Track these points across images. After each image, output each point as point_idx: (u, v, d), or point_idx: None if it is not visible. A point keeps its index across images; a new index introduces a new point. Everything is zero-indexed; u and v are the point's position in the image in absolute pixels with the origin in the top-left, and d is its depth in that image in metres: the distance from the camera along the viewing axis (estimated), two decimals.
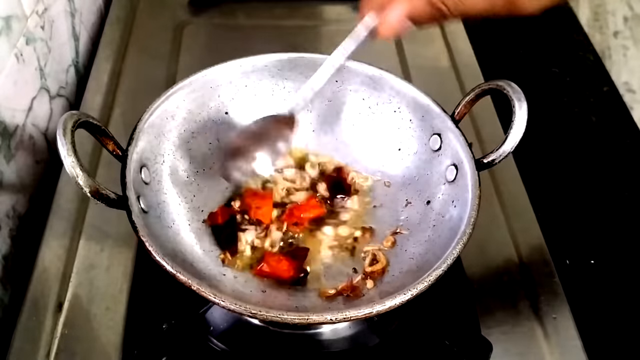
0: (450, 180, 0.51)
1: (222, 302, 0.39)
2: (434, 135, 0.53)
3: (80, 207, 0.58)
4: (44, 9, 0.64)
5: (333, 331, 0.51)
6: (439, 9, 0.37)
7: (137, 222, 0.42)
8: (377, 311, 0.39)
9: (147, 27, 0.81)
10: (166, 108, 0.52)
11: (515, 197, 0.62)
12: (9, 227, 0.55)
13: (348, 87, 0.57)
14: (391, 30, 0.40)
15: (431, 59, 0.77)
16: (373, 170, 0.58)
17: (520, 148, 0.48)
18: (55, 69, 0.67)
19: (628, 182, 0.68)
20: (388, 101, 0.56)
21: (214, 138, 0.57)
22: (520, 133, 0.47)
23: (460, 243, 0.43)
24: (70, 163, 0.40)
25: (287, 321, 0.39)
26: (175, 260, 0.42)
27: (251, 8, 0.84)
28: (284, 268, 0.50)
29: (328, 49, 0.48)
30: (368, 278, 0.50)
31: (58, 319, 0.51)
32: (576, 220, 0.64)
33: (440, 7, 0.37)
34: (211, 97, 0.56)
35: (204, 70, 0.54)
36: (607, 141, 0.73)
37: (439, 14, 0.38)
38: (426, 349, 0.50)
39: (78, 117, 0.42)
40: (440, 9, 0.37)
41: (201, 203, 0.54)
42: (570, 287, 0.55)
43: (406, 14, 0.39)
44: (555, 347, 0.51)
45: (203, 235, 0.52)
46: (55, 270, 0.54)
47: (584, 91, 0.79)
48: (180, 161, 0.54)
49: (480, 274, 0.55)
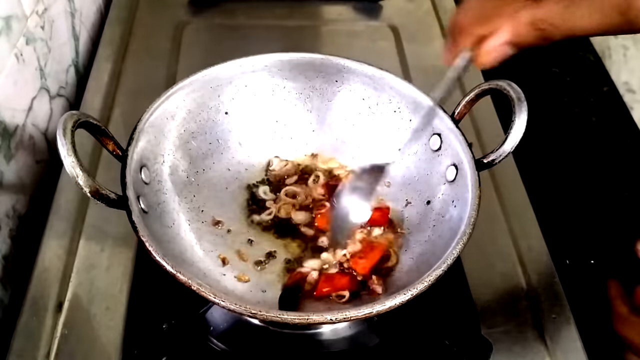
0: (450, 180, 0.51)
1: (222, 302, 0.39)
2: (434, 135, 0.53)
3: (80, 207, 0.58)
4: (44, 9, 0.64)
5: (333, 331, 0.51)
6: (542, 29, 0.36)
7: (137, 222, 0.42)
8: (377, 311, 0.39)
9: (147, 27, 0.81)
10: (166, 108, 0.52)
11: (515, 197, 0.62)
12: (9, 227, 0.55)
13: (348, 87, 0.57)
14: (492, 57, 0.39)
15: (431, 59, 0.77)
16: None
17: (520, 148, 0.48)
18: (55, 69, 0.67)
19: (628, 182, 0.68)
20: (388, 101, 0.56)
21: (214, 138, 0.57)
22: (520, 133, 0.47)
23: (460, 243, 0.43)
24: (70, 163, 0.40)
25: (287, 321, 0.39)
26: (175, 260, 0.42)
27: (251, 8, 0.84)
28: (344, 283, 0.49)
29: (328, 49, 0.48)
30: (374, 277, 0.50)
31: (58, 319, 0.51)
32: (576, 220, 0.64)
33: (544, 27, 0.35)
34: (211, 97, 0.56)
35: (204, 70, 0.54)
36: (607, 141, 0.73)
37: (542, 36, 0.36)
38: (426, 349, 0.50)
39: (78, 117, 0.42)
40: (544, 30, 0.36)
41: (201, 203, 0.54)
42: (570, 287, 0.55)
43: (509, 41, 0.37)
44: (555, 347, 0.51)
45: (203, 235, 0.52)
46: (55, 270, 0.54)
47: (584, 91, 0.79)
48: (180, 161, 0.54)
49: (480, 274, 0.55)
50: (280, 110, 0.59)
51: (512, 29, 0.36)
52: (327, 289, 0.49)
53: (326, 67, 0.57)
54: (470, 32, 0.39)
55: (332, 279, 0.49)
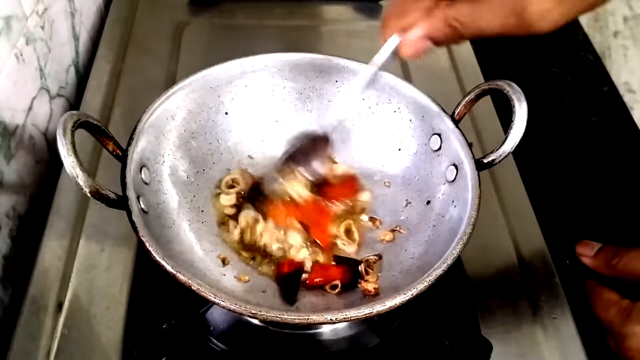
0: (450, 180, 0.51)
1: (223, 302, 0.39)
2: (433, 135, 0.53)
3: (80, 207, 0.58)
4: (44, 9, 0.64)
5: (333, 331, 0.51)
6: (454, 27, 0.38)
7: (137, 222, 0.42)
8: (377, 311, 0.39)
9: (147, 27, 0.81)
10: (166, 108, 0.52)
11: (515, 197, 0.62)
12: (9, 227, 0.55)
13: (348, 87, 0.57)
14: (412, 49, 0.42)
15: (431, 59, 0.77)
16: (373, 170, 0.58)
17: (520, 148, 0.48)
18: (55, 69, 0.67)
19: (628, 182, 0.68)
20: (388, 101, 0.56)
21: (214, 138, 0.57)
22: (520, 133, 0.47)
23: (461, 243, 0.43)
24: (70, 163, 0.40)
25: (287, 321, 0.39)
26: (175, 260, 0.42)
27: (251, 8, 0.84)
28: (336, 274, 0.50)
29: (328, 49, 0.48)
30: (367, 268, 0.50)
31: (58, 319, 0.51)
32: (576, 220, 0.64)
33: (455, 25, 0.38)
34: (211, 98, 0.56)
35: (204, 70, 0.54)
36: (607, 141, 0.73)
37: (455, 33, 0.39)
38: (426, 349, 0.50)
39: (78, 117, 0.42)
40: (456, 28, 0.38)
41: (201, 203, 0.54)
42: (570, 287, 0.55)
43: (425, 34, 0.40)
44: (555, 347, 0.51)
45: (203, 236, 0.52)
46: (55, 270, 0.54)
47: (584, 91, 0.79)
48: (180, 161, 0.54)
49: (480, 274, 0.55)
50: (280, 111, 0.59)
51: (428, 24, 0.40)
52: (319, 279, 0.49)
53: (326, 67, 0.57)
54: (392, 24, 0.43)
55: (325, 269, 0.50)
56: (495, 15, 0.37)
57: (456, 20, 0.38)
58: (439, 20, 0.39)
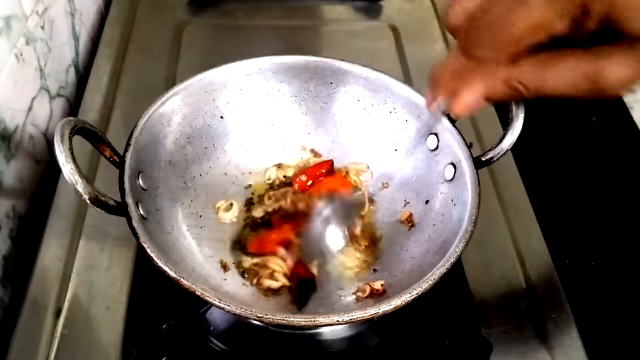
0: (449, 179, 0.51)
1: (228, 306, 0.39)
2: (430, 135, 0.53)
3: (80, 207, 0.58)
4: (44, 9, 0.64)
5: (333, 331, 0.51)
6: (516, 88, 0.35)
7: (138, 229, 0.42)
8: (383, 311, 0.39)
9: (147, 27, 0.81)
10: (161, 113, 0.51)
11: (515, 197, 0.62)
12: (9, 227, 0.55)
13: (343, 88, 0.57)
14: (466, 110, 0.39)
15: (431, 59, 0.77)
16: (370, 171, 0.58)
17: (520, 148, 0.48)
18: (56, 69, 0.67)
19: (628, 182, 0.68)
20: (383, 102, 0.56)
21: (210, 142, 0.56)
22: (518, 130, 0.47)
23: (463, 241, 0.43)
24: (69, 170, 0.40)
25: (294, 324, 0.39)
26: (176, 266, 0.42)
27: (251, 8, 0.84)
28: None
29: (328, 49, 0.48)
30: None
31: (58, 319, 0.51)
32: (576, 220, 0.64)
33: (517, 87, 0.35)
34: (206, 102, 0.55)
35: (199, 74, 0.54)
36: (607, 141, 0.73)
37: (516, 94, 0.36)
38: (426, 349, 0.50)
39: (75, 124, 0.42)
40: (518, 89, 0.35)
41: (199, 208, 0.54)
42: (570, 287, 0.55)
43: (482, 96, 0.38)
44: (555, 347, 0.51)
45: (203, 240, 0.52)
46: (55, 270, 0.54)
47: None
48: (176, 166, 0.53)
49: (480, 274, 0.55)
50: (276, 114, 0.59)
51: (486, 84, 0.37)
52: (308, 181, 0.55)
53: (321, 70, 0.56)
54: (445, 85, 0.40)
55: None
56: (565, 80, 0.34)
57: (519, 81, 0.35)
58: (499, 81, 0.36)
